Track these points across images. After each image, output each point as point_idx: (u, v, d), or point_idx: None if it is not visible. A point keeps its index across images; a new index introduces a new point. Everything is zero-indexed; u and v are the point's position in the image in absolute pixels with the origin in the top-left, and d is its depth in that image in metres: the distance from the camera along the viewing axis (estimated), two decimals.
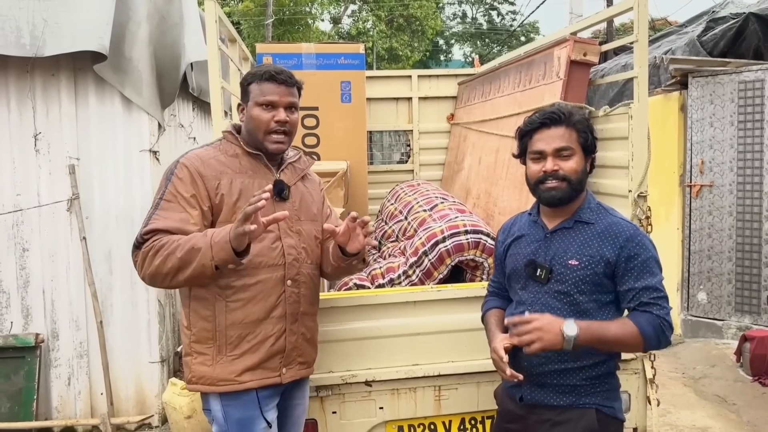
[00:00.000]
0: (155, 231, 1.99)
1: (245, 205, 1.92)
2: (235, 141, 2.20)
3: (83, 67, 4.38)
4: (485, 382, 2.83)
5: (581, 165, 2.02)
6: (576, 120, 2.01)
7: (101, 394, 4.53)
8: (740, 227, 5.62)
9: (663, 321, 1.90)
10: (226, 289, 2.09)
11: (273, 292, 2.14)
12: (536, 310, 1.99)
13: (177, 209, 2.04)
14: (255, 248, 2.05)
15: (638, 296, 1.94)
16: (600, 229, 1.99)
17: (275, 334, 2.15)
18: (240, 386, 2.09)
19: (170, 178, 2.08)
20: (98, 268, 4.51)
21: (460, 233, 3.08)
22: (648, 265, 1.94)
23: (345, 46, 4.34)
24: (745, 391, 4.78)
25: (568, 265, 1.99)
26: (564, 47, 3.11)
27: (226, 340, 2.09)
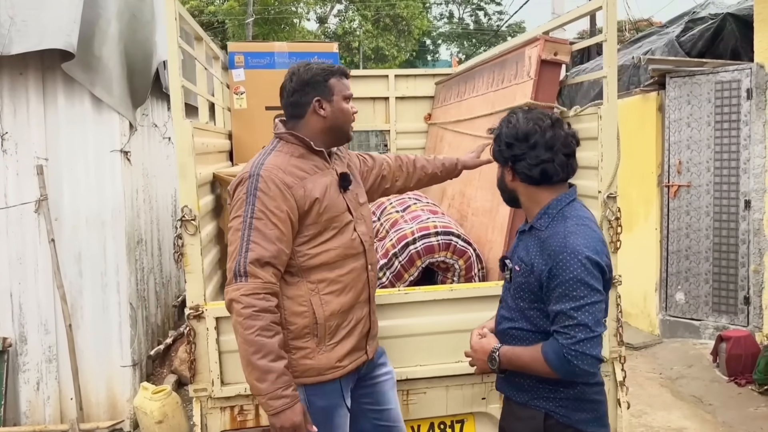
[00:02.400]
0: (258, 262, 2.01)
1: (329, 203, 2.16)
2: (298, 141, 2.21)
3: (52, 66, 4.30)
4: (454, 386, 2.81)
5: (499, 173, 2.07)
6: (494, 132, 2.04)
7: (71, 399, 4.45)
8: (717, 227, 5.63)
9: (568, 351, 1.79)
10: (318, 284, 2.17)
11: (360, 279, 2.27)
12: (503, 307, 2.10)
13: (270, 227, 2.04)
14: (340, 242, 2.20)
15: (554, 321, 1.85)
16: (543, 237, 1.92)
17: (364, 318, 2.30)
18: (343, 371, 2.20)
19: (255, 194, 2.06)
20: (68, 270, 4.43)
21: (430, 234, 3.04)
22: (567, 287, 1.81)
23: (318, 45, 4.29)
24: (721, 391, 4.78)
25: (514, 269, 2.01)
26: (535, 46, 3.08)
27: (326, 331, 2.17)
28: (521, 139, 1.92)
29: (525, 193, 2.00)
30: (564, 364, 1.80)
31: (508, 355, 1.97)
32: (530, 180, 1.95)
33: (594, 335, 1.79)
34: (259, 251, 2.02)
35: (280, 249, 2.06)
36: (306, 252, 2.16)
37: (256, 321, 1.97)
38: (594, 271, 1.82)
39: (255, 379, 1.97)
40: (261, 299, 1.99)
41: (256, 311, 1.98)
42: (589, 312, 1.79)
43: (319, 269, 2.17)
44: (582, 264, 1.80)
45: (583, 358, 1.78)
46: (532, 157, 1.91)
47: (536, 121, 1.93)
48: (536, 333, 1.95)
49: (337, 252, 2.20)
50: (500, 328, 2.09)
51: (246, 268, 2.00)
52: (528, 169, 1.92)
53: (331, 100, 2.23)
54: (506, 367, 1.99)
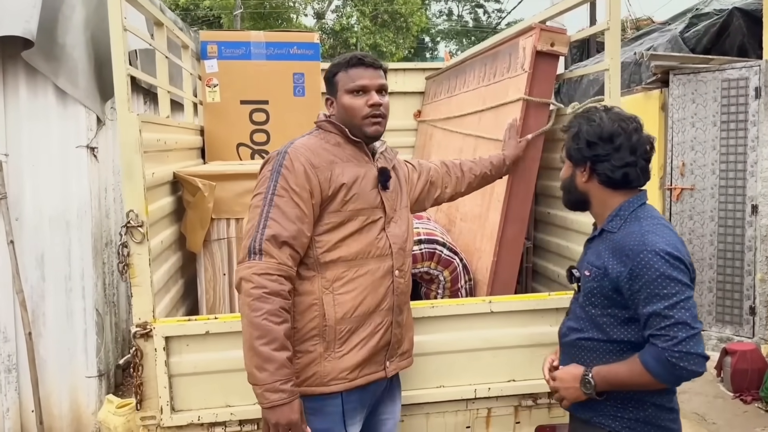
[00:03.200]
0: (274, 239, 1.88)
1: (358, 192, 2.01)
2: (335, 129, 2.09)
3: (13, 55, 3.99)
4: (435, 414, 2.54)
5: (565, 173, 2.00)
6: (566, 128, 1.97)
7: (32, 412, 4.16)
8: (722, 233, 5.35)
9: (671, 354, 1.66)
10: (334, 282, 2.00)
11: (382, 282, 2.08)
12: (570, 318, 2.01)
13: (291, 205, 1.92)
14: (364, 239, 2.04)
15: (647, 325, 1.73)
16: (616, 239, 1.83)
17: (384, 327, 2.08)
18: (349, 384, 2.01)
19: (279, 170, 1.95)
20: (29, 274, 4.13)
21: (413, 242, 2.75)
22: (654, 286, 1.70)
23: (298, 35, 3.98)
24: (725, 408, 4.51)
25: (584, 275, 1.93)
26: (529, 36, 2.79)
27: (336, 335, 1.99)
28: (606, 139, 1.85)
29: (598, 196, 1.92)
30: (669, 368, 1.69)
31: (602, 374, 1.82)
32: (610, 183, 1.87)
33: (695, 332, 1.68)
34: (276, 228, 1.88)
35: (299, 229, 1.92)
36: (325, 242, 1.99)
37: (265, 303, 1.81)
38: (679, 266, 1.72)
39: (255, 366, 1.81)
40: (274, 281, 1.84)
41: (266, 293, 1.82)
42: (684, 308, 1.69)
43: (336, 264, 2.00)
44: (665, 260, 1.71)
45: (689, 358, 1.67)
46: (616, 159, 1.84)
47: (620, 122, 1.86)
48: (608, 342, 1.86)
49: (359, 248, 2.02)
50: (567, 339, 1.99)
51: (261, 245, 1.86)
52: (611, 171, 1.85)
53: (336, 97, 2.10)
54: (603, 389, 1.84)
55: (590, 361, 1.88)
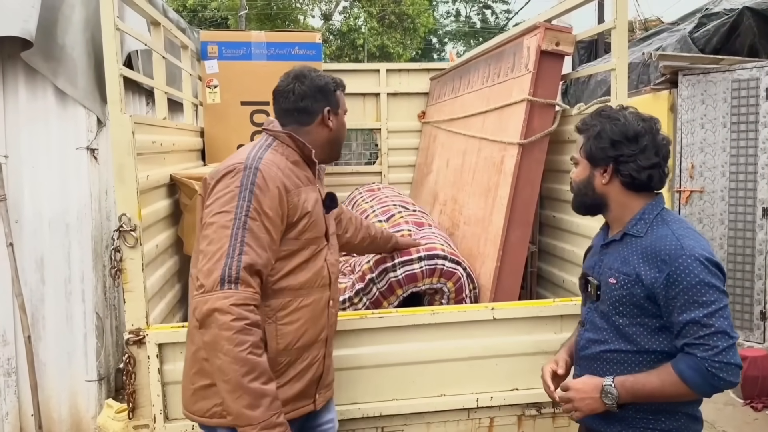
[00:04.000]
0: (251, 268, 1.73)
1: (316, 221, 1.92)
2: (297, 147, 1.95)
3: (12, 56, 3.95)
4: (436, 423, 2.47)
5: (581, 175, 1.87)
6: (585, 127, 1.86)
7: (32, 416, 4.12)
8: (732, 236, 5.26)
9: (711, 364, 1.60)
10: (278, 311, 1.88)
11: (323, 314, 2.00)
12: (588, 330, 1.90)
13: (262, 230, 1.78)
14: (312, 268, 1.94)
15: (682, 334, 1.66)
16: (645, 244, 1.74)
17: (319, 360, 2.01)
18: None
19: (251, 189, 1.78)
20: (28, 277, 4.09)
21: (413, 261, 2.67)
22: (693, 293, 1.62)
23: (299, 35, 3.92)
24: (735, 416, 4.41)
25: (608, 284, 1.81)
26: (534, 36, 2.72)
27: (274, 367, 1.84)
28: (632, 138, 1.75)
29: (618, 199, 1.82)
30: (708, 379, 1.62)
31: (627, 385, 1.71)
32: (633, 185, 1.79)
33: (734, 341, 1.64)
34: (253, 256, 1.74)
35: (269, 258, 1.80)
36: (277, 270, 1.86)
37: (249, 336, 1.67)
38: (717, 272, 1.66)
39: (245, 405, 1.65)
40: (251, 311, 1.71)
41: (248, 324, 1.68)
42: (723, 317, 1.63)
43: (282, 293, 1.88)
44: (704, 265, 1.65)
45: (729, 368, 1.62)
46: (642, 160, 1.75)
47: (643, 122, 1.78)
48: (638, 353, 1.76)
49: (307, 278, 1.92)
50: (588, 353, 1.87)
51: (239, 273, 1.70)
52: (636, 172, 1.76)
53: (338, 113, 2.06)
54: (627, 400, 1.73)
55: (617, 375, 1.77)
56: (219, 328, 1.66)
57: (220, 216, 1.77)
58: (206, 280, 1.70)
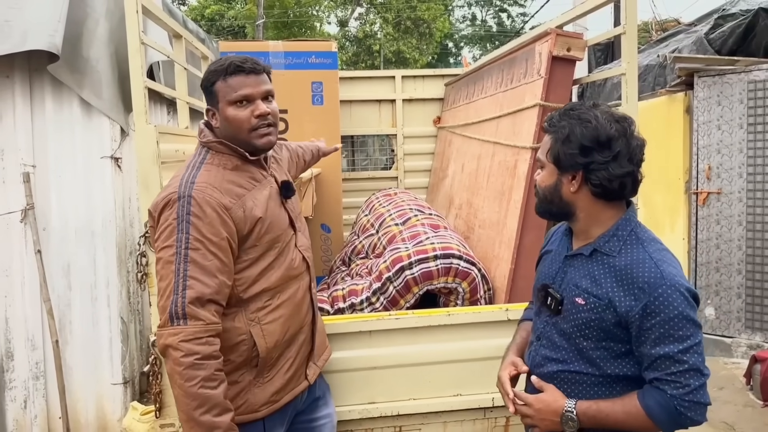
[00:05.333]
0: (198, 301, 1.72)
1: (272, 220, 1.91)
2: (229, 150, 1.93)
3: (39, 68, 4.09)
4: (453, 422, 2.52)
5: (547, 180, 1.69)
6: (553, 128, 1.67)
7: (59, 418, 4.23)
8: (750, 237, 5.23)
9: (680, 403, 1.51)
10: (258, 312, 1.91)
11: (303, 302, 2.04)
12: (545, 346, 1.75)
13: (209, 257, 1.75)
14: (283, 264, 1.95)
15: (653, 367, 1.55)
16: (619, 266, 1.59)
17: (306, 341, 2.06)
18: (276, 406, 1.97)
19: (188, 219, 1.75)
20: (56, 283, 4.21)
21: (428, 259, 2.73)
22: (671, 326, 1.51)
23: (316, 44, 4.01)
24: (754, 417, 4.39)
25: (575, 303, 1.66)
26: (545, 42, 2.77)
27: (266, 363, 1.93)
28: (603, 144, 1.58)
29: (587, 209, 1.66)
30: (675, 417, 1.53)
31: (590, 413, 1.61)
32: (604, 194, 1.62)
33: (705, 380, 1.54)
34: (199, 288, 1.72)
35: (221, 282, 1.78)
36: (245, 279, 1.88)
37: (199, 371, 1.68)
38: (695, 305, 1.56)
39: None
40: (203, 344, 1.70)
41: (198, 359, 1.69)
42: (697, 353, 1.53)
43: (259, 297, 1.90)
44: (685, 298, 1.52)
45: (698, 408, 1.53)
46: (614, 168, 1.58)
47: (616, 124, 1.60)
48: (600, 377, 1.64)
49: (280, 275, 1.94)
50: (544, 371, 1.74)
51: (185, 309, 1.71)
52: (608, 181, 1.59)
53: (218, 108, 1.94)
54: (589, 427, 1.63)
55: (575, 395, 1.67)
56: (172, 363, 1.70)
57: (164, 251, 1.77)
58: (161, 316, 1.74)
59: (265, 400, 1.93)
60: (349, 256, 3.50)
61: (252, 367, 1.91)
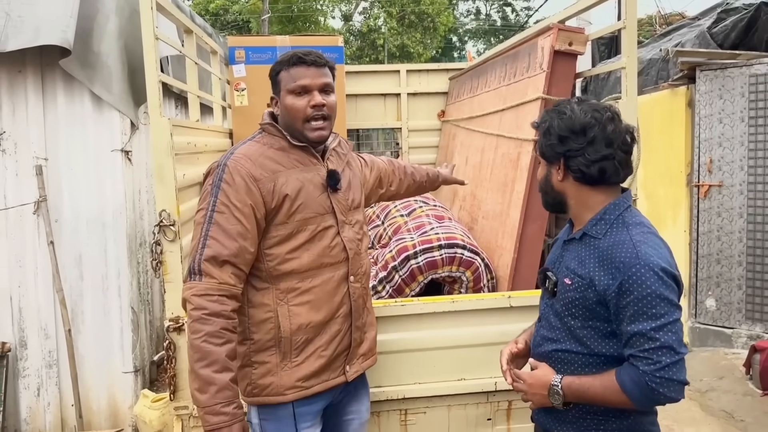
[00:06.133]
0: (214, 259, 1.82)
1: (304, 201, 1.95)
2: (279, 133, 2.02)
3: (51, 63, 4.18)
4: (457, 406, 2.59)
5: (541, 173, 1.85)
6: (537, 125, 1.82)
7: (72, 406, 4.33)
8: (751, 230, 5.29)
9: (652, 378, 1.55)
10: (288, 293, 1.97)
11: (338, 291, 2.05)
12: (543, 326, 1.87)
13: (232, 221, 1.86)
14: (316, 248, 1.99)
15: (629, 344, 1.61)
16: (602, 247, 1.68)
17: (341, 334, 2.06)
18: (304, 392, 1.99)
19: (219, 185, 1.89)
20: (68, 273, 4.31)
21: (433, 248, 2.81)
22: (644, 304, 1.57)
23: (322, 39, 4.08)
24: (754, 406, 4.46)
25: (564, 284, 1.76)
26: (547, 36, 2.84)
27: (292, 346, 1.97)
28: (578, 132, 1.69)
29: (575, 196, 1.76)
30: (646, 393, 1.58)
31: (573, 387, 1.70)
32: (585, 179, 1.71)
33: (679, 358, 1.57)
34: (216, 248, 1.83)
35: (242, 246, 1.86)
36: (275, 256, 1.96)
37: (204, 325, 1.78)
38: (672, 284, 1.60)
39: (196, 388, 1.78)
40: (214, 301, 1.80)
41: (206, 314, 1.78)
42: (671, 331, 1.57)
43: (289, 277, 1.97)
44: (659, 277, 1.57)
45: (669, 384, 1.56)
46: (590, 153, 1.67)
47: (593, 113, 1.70)
48: (588, 356, 1.72)
49: (311, 259, 1.98)
50: (541, 350, 1.85)
51: (201, 265, 1.82)
52: (586, 167, 1.68)
53: (279, 96, 2.04)
54: (572, 401, 1.73)
55: (567, 374, 1.75)
56: (187, 315, 1.83)
57: (199, 213, 1.91)
58: (184, 272, 1.87)
59: (291, 384, 1.97)
60: None
61: (278, 349, 1.96)
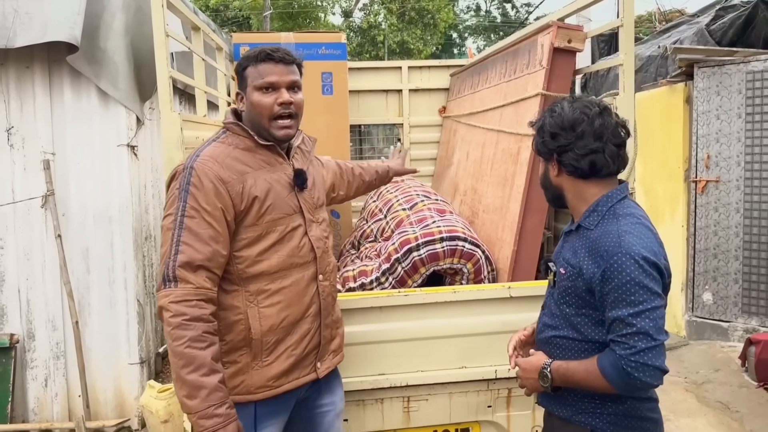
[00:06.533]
0: (188, 265, 1.81)
1: (273, 202, 1.95)
2: (244, 133, 2.01)
3: (58, 59, 4.24)
4: (458, 393, 2.67)
5: (540, 170, 1.96)
6: (533, 124, 1.94)
7: (79, 397, 4.41)
8: (748, 224, 5.37)
9: (627, 363, 1.61)
10: (258, 295, 1.96)
11: (307, 290, 2.06)
12: (546, 314, 1.96)
13: (203, 225, 1.85)
14: (285, 249, 1.99)
15: (610, 329, 1.68)
16: (592, 237, 1.76)
17: (311, 332, 2.08)
18: (274, 391, 2.01)
19: (187, 189, 1.87)
20: (75, 266, 4.38)
21: (435, 241, 2.87)
22: (623, 291, 1.64)
23: (326, 36, 4.14)
24: (749, 397, 4.55)
25: (560, 273, 1.86)
26: (547, 34, 2.91)
27: (262, 346, 1.98)
28: (567, 128, 1.79)
29: (571, 189, 1.85)
30: (623, 377, 1.63)
31: (561, 371, 1.79)
32: (578, 173, 1.80)
33: (656, 344, 1.61)
34: (190, 253, 1.82)
35: (215, 250, 1.86)
36: (245, 258, 1.95)
37: (186, 331, 1.77)
38: (652, 273, 1.66)
39: (184, 395, 1.76)
40: (193, 306, 1.80)
41: (186, 320, 1.78)
42: (649, 318, 1.62)
43: (258, 278, 1.96)
44: (639, 265, 1.64)
45: (644, 369, 1.61)
46: (579, 147, 1.77)
47: (583, 109, 1.79)
48: (583, 342, 1.80)
49: (281, 260, 1.99)
50: (543, 336, 1.94)
51: (175, 272, 1.81)
52: (576, 161, 1.78)
53: (245, 93, 2.02)
54: (560, 384, 1.81)
55: (565, 359, 1.83)
56: (165, 324, 1.80)
57: (166, 219, 1.88)
58: (158, 280, 1.86)
59: (261, 383, 1.98)
60: (358, 240, 3.65)
61: (249, 349, 1.96)
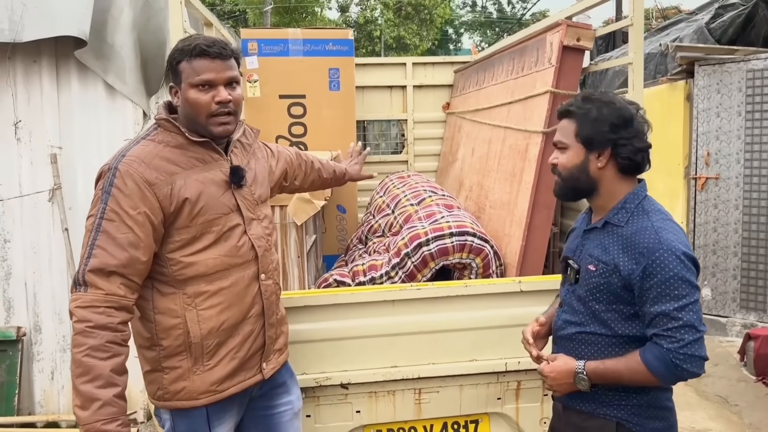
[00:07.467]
0: (100, 271, 1.72)
1: (206, 203, 1.86)
2: (176, 129, 1.89)
3: (66, 53, 4.25)
4: (468, 385, 2.70)
5: (573, 160, 1.87)
6: (577, 112, 1.86)
7: None
8: (747, 221, 5.44)
9: (676, 355, 1.66)
10: (196, 297, 1.88)
11: (248, 291, 1.99)
12: (565, 311, 1.97)
13: (122, 230, 1.75)
14: (222, 249, 1.91)
15: (652, 324, 1.72)
16: (625, 234, 1.79)
17: (254, 334, 2.02)
18: (219, 396, 1.94)
19: (110, 191, 1.76)
20: None
21: (444, 236, 2.91)
22: (666, 286, 1.68)
23: (333, 32, 4.18)
24: (748, 391, 4.62)
25: (588, 270, 1.86)
26: (556, 32, 2.94)
27: (203, 350, 1.90)
28: (628, 121, 1.81)
29: (608, 184, 1.86)
30: (671, 369, 1.69)
31: (598, 372, 1.81)
32: (628, 168, 1.83)
33: (700, 335, 1.68)
34: (104, 258, 1.72)
35: (132, 256, 1.76)
36: (179, 260, 1.87)
37: (88, 339, 1.68)
38: (692, 267, 1.72)
39: (77, 405, 1.67)
40: (100, 313, 1.70)
41: (90, 327, 1.69)
42: (693, 311, 1.68)
43: (195, 281, 1.88)
44: (681, 260, 1.69)
45: (692, 360, 1.67)
46: (637, 142, 1.80)
47: (632, 106, 1.84)
48: (611, 337, 1.84)
49: (217, 261, 1.91)
50: (564, 333, 1.96)
51: (85, 276, 1.72)
52: (633, 154, 1.80)
53: (180, 88, 1.89)
54: (600, 383, 1.84)
55: (590, 355, 1.87)
56: (72, 329, 1.73)
57: (88, 220, 1.79)
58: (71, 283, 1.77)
59: (205, 388, 1.91)
60: (365, 235, 3.69)
61: (189, 353, 1.88)
